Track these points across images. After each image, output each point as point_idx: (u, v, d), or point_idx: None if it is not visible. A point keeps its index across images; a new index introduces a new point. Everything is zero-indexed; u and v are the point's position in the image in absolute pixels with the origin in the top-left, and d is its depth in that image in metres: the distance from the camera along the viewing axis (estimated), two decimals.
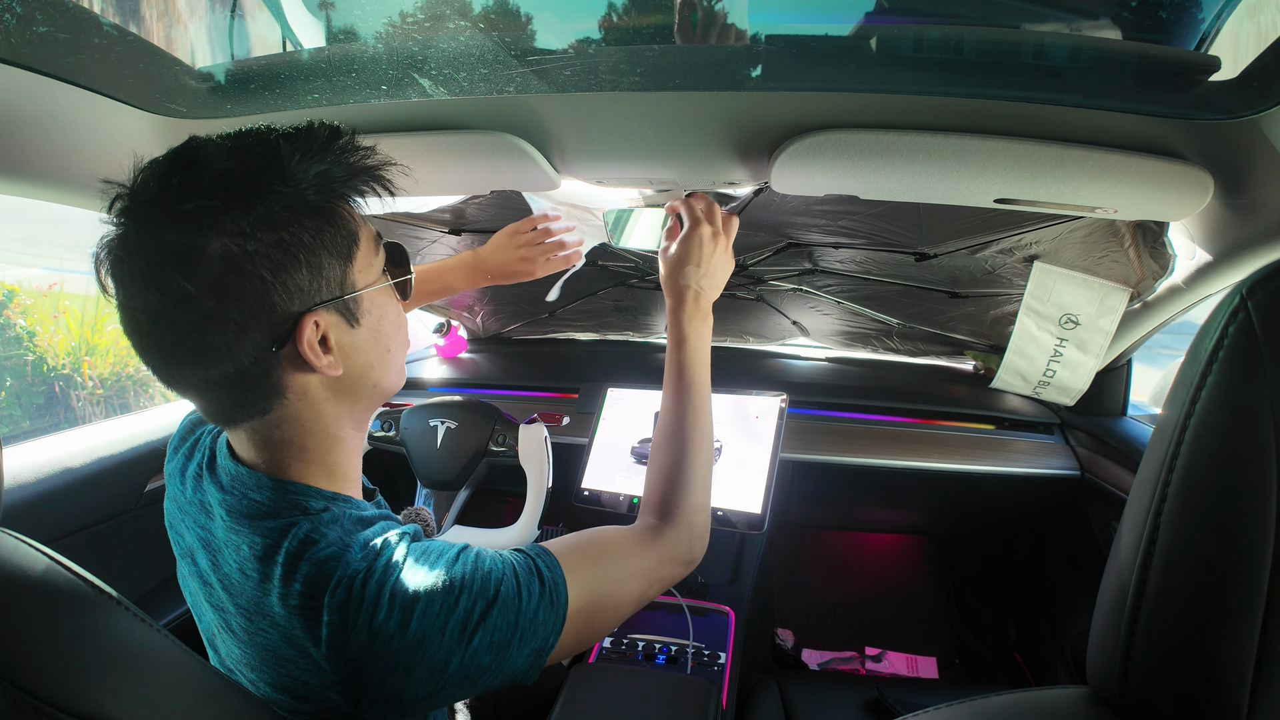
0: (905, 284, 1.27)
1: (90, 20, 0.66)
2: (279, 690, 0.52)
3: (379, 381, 0.58)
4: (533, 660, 0.54)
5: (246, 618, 0.53)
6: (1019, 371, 1.23)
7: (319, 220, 0.51)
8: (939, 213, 1.00)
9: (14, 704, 0.33)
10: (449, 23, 0.65)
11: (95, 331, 3.75)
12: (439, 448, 1.41)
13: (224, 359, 0.49)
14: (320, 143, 0.51)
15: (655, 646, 1.12)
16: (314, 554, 0.50)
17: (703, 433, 0.73)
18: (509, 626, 0.52)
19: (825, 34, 0.64)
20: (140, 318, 0.49)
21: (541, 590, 0.54)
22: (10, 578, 0.38)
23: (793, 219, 1.10)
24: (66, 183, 0.83)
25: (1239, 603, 0.32)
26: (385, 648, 0.48)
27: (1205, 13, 0.58)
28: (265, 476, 0.54)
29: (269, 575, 0.51)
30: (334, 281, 0.53)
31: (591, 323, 1.69)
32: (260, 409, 0.53)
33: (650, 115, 0.75)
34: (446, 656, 0.49)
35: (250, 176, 0.48)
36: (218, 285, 0.47)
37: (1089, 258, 1.04)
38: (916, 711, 0.44)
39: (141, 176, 0.49)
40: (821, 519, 1.71)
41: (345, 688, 0.49)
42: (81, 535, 0.95)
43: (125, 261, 0.48)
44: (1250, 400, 0.31)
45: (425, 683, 0.49)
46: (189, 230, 0.47)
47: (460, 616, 0.50)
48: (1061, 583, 1.40)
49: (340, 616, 0.48)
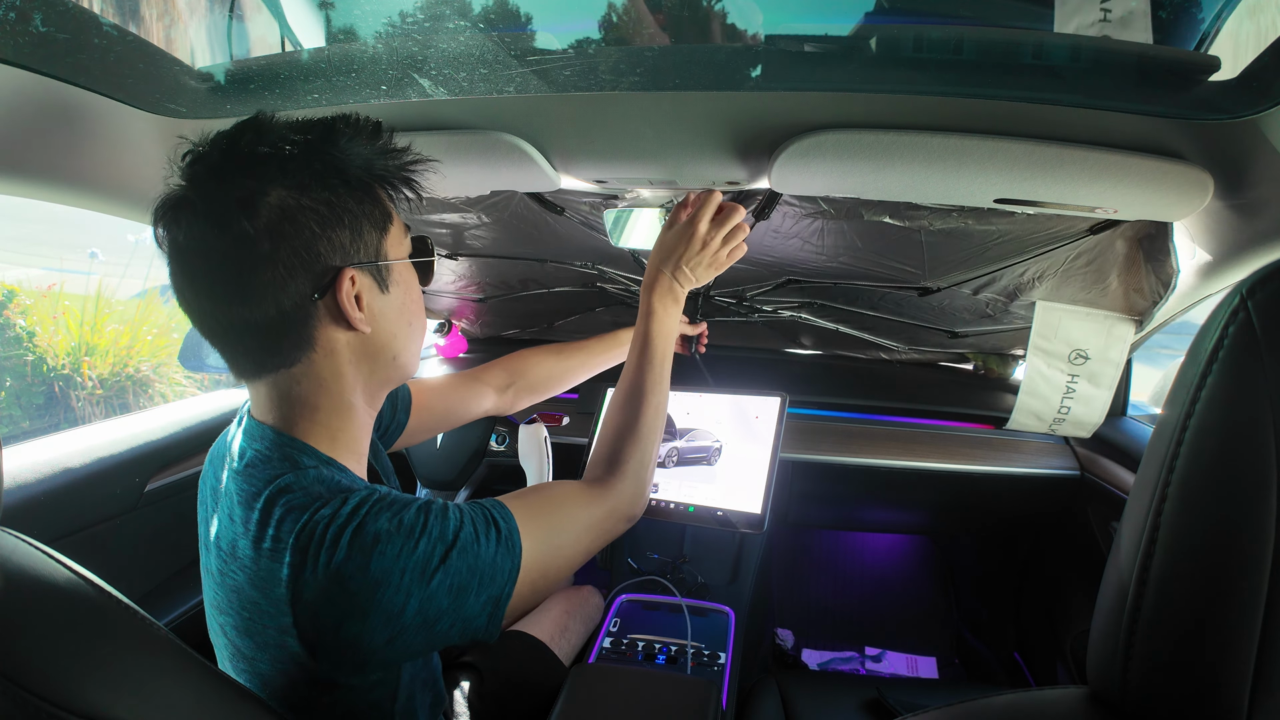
0: (905, 322, 1.27)
1: (90, 20, 0.66)
2: (243, 634, 0.54)
3: (398, 354, 0.63)
4: (490, 611, 0.56)
5: (222, 560, 0.56)
6: (1033, 412, 1.20)
7: (361, 193, 0.58)
8: (941, 244, 0.99)
9: (15, 702, 0.33)
10: (449, 23, 0.65)
11: (95, 332, 3.74)
12: (439, 448, 1.41)
13: (269, 301, 0.53)
14: (367, 131, 0.57)
15: (655, 646, 1.12)
16: (288, 500, 0.53)
17: (659, 398, 0.79)
18: (468, 570, 0.54)
19: (825, 34, 0.64)
20: (196, 260, 0.54)
21: (498, 538, 0.57)
22: (11, 577, 0.38)
23: (794, 255, 1.09)
24: (67, 183, 0.83)
25: (1239, 603, 0.32)
26: (343, 590, 0.49)
27: (1205, 13, 0.58)
28: (270, 429, 0.58)
29: (247, 520, 0.54)
30: (370, 247, 0.58)
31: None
32: (289, 359, 0.57)
33: (650, 115, 0.75)
34: (404, 599, 0.51)
35: (310, 143, 0.54)
36: (273, 229, 0.52)
37: (1092, 291, 1.02)
38: (916, 711, 0.44)
39: (212, 138, 0.54)
40: (821, 519, 1.71)
41: (302, 633, 0.51)
42: (81, 535, 0.95)
43: (194, 203, 0.53)
44: (1250, 400, 0.31)
45: (382, 628, 0.51)
46: (256, 178, 0.52)
47: (420, 558, 0.52)
48: (1061, 583, 1.40)
49: (300, 558, 0.50)
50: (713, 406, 1.20)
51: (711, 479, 1.15)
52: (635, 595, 1.26)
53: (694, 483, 1.16)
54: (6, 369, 3.60)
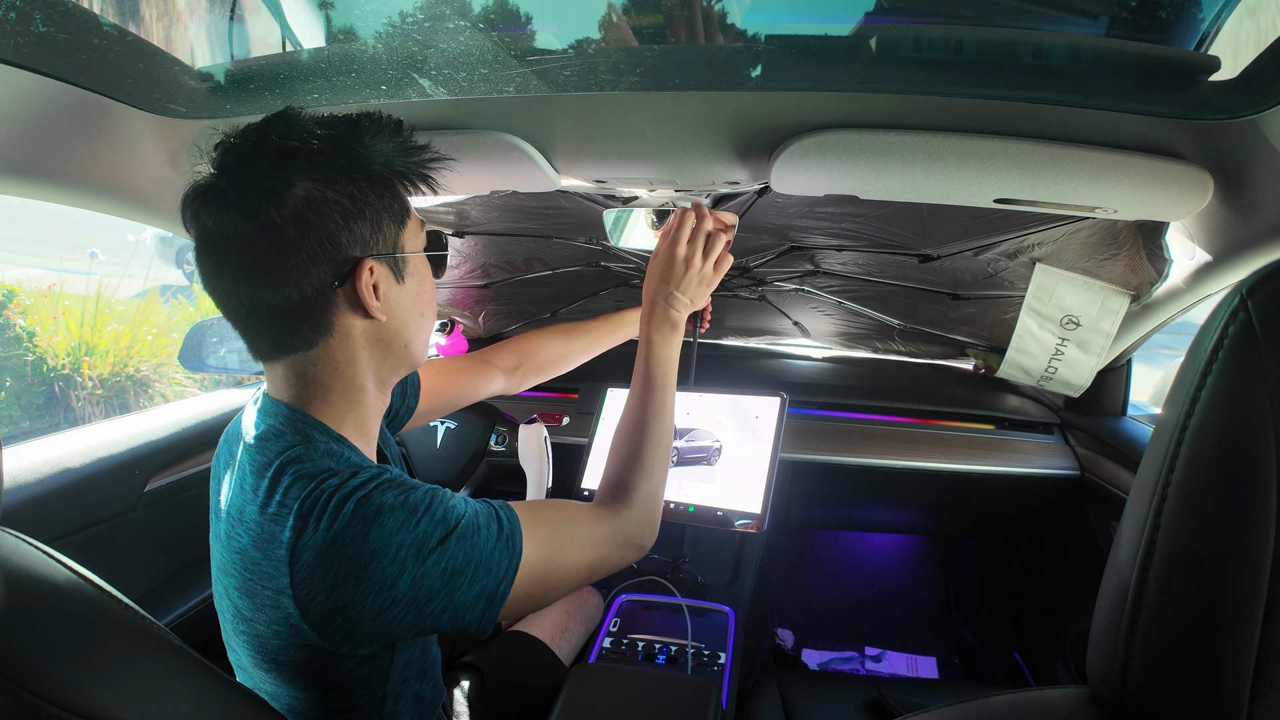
0: (907, 285, 1.27)
1: (90, 20, 0.66)
2: (244, 595, 0.56)
3: (410, 342, 0.66)
4: (484, 605, 0.57)
5: (230, 524, 0.58)
6: (1021, 366, 1.23)
7: (382, 188, 0.61)
8: (941, 214, 1.00)
9: (15, 702, 0.33)
10: (449, 23, 0.65)
11: (95, 332, 3.74)
12: (439, 448, 1.41)
13: (291, 286, 0.56)
14: (389, 128, 0.60)
15: (655, 646, 1.12)
16: (297, 469, 0.55)
17: (663, 427, 0.78)
18: (464, 557, 0.55)
19: (825, 34, 0.64)
20: (225, 245, 0.56)
21: (499, 534, 0.58)
22: (11, 577, 0.38)
23: (795, 222, 1.10)
24: (67, 183, 0.83)
25: (1239, 603, 0.32)
26: (340, 554, 0.51)
27: (1205, 13, 0.58)
28: (285, 406, 0.61)
29: (256, 487, 0.56)
30: (389, 240, 0.61)
31: None
32: (307, 342, 0.60)
33: (650, 115, 0.75)
34: (398, 573, 0.52)
35: (335, 138, 0.57)
36: (299, 219, 0.55)
37: (1090, 260, 1.04)
38: (916, 711, 0.44)
39: (243, 130, 0.57)
40: (821, 519, 1.71)
41: (297, 594, 0.52)
42: (81, 535, 0.94)
43: (225, 191, 0.55)
44: (1250, 400, 0.31)
45: (373, 598, 0.52)
46: (283, 169, 0.55)
47: (419, 536, 0.53)
48: (1061, 583, 1.40)
49: (302, 523, 0.52)
50: (713, 406, 1.20)
51: (711, 479, 1.15)
52: (635, 595, 1.26)
53: (694, 483, 1.16)
54: (6, 369, 3.60)
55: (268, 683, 0.59)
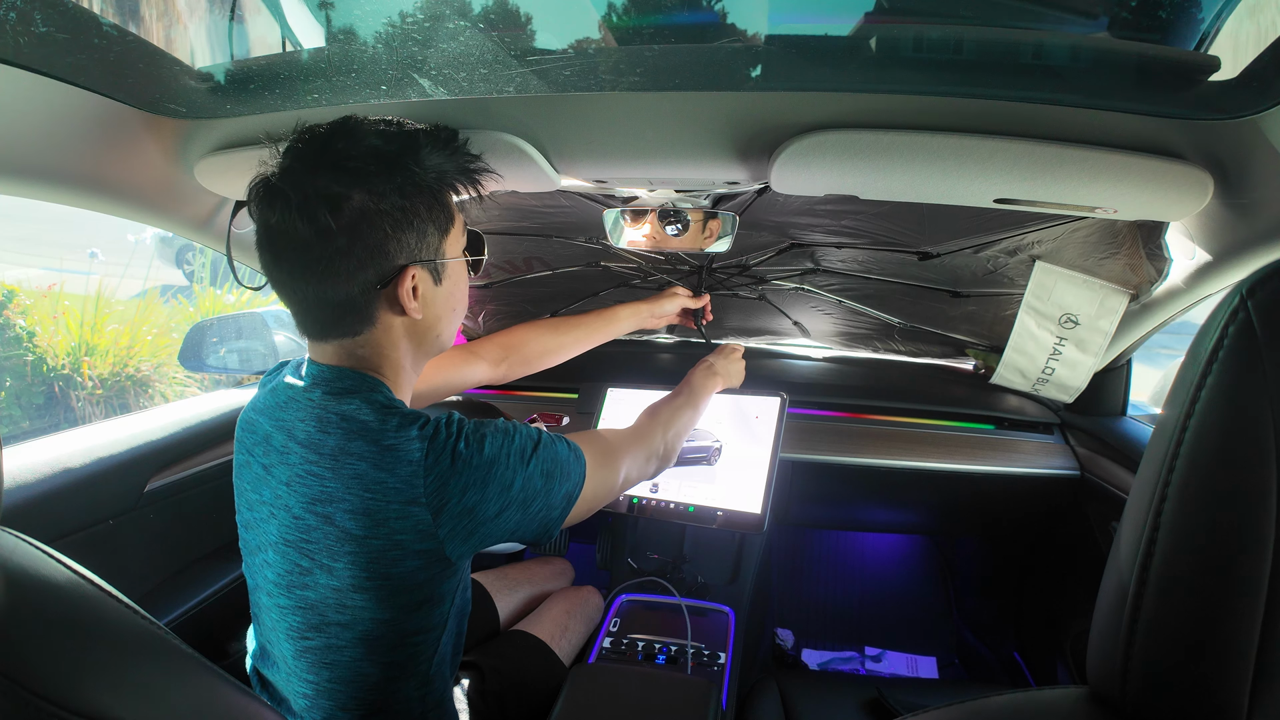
0: (907, 283, 1.27)
1: (90, 20, 0.66)
2: (359, 514, 0.62)
3: (441, 333, 0.74)
4: (564, 505, 0.71)
5: (333, 458, 0.63)
6: (1018, 368, 1.23)
7: (431, 199, 0.67)
8: (941, 212, 1.00)
9: (15, 701, 0.33)
10: (449, 23, 0.65)
11: (95, 332, 3.74)
12: None
13: (340, 286, 0.63)
14: (444, 140, 0.68)
15: (655, 646, 1.12)
16: (397, 408, 0.65)
17: (692, 416, 1.03)
18: (552, 460, 0.69)
19: (825, 34, 0.64)
20: (283, 241, 0.63)
21: (568, 447, 0.73)
22: (11, 577, 0.38)
23: (795, 219, 1.10)
24: (67, 183, 0.83)
25: (1239, 603, 0.32)
26: (467, 465, 0.62)
27: (1205, 13, 0.58)
28: (348, 369, 0.68)
29: (359, 426, 0.63)
30: (432, 248, 0.69)
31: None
32: (352, 331, 0.67)
33: (650, 115, 0.75)
34: (512, 475, 0.65)
35: (393, 155, 0.63)
36: (352, 228, 0.62)
37: (1090, 259, 1.04)
38: (916, 711, 0.44)
39: (308, 135, 0.63)
40: (821, 519, 1.71)
41: (430, 500, 0.61)
42: (81, 535, 0.94)
43: (287, 193, 0.61)
44: (1250, 400, 0.31)
45: (496, 498, 0.64)
46: (343, 182, 0.61)
47: (519, 446, 0.66)
48: (1061, 583, 1.40)
49: (428, 445, 0.62)
50: (713, 406, 1.20)
51: (711, 479, 1.15)
52: (635, 595, 1.26)
53: (694, 483, 1.16)
54: (6, 369, 3.60)
55: (359, 605, 0.64)
